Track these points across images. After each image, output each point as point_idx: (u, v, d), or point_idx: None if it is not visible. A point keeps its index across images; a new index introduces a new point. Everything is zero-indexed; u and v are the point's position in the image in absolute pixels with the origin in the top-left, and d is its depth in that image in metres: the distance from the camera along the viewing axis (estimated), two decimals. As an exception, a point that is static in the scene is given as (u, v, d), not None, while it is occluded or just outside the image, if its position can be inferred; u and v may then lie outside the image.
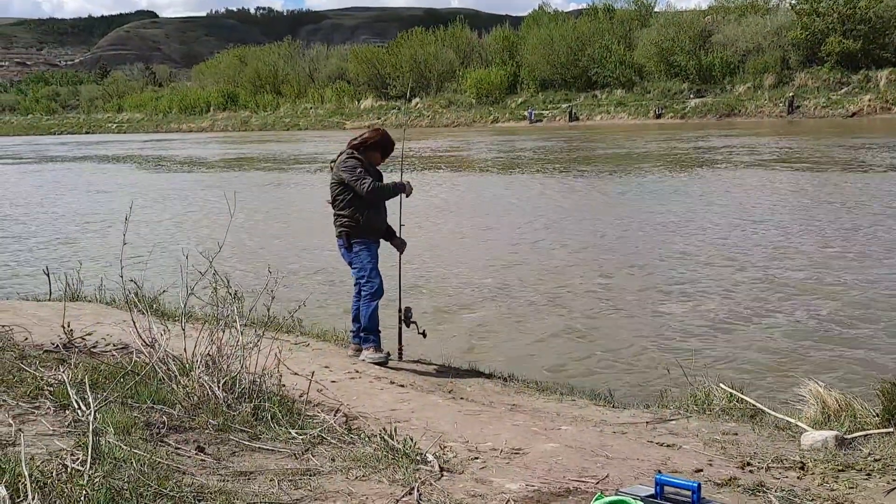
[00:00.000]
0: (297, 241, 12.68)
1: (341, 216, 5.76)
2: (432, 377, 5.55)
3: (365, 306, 5.74)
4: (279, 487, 2.98)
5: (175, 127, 67.45)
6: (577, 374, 6.24)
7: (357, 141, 5.92)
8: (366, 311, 5.72)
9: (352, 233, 5.74)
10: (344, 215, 5.75)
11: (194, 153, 37.48)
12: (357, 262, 5.76)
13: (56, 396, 3.69)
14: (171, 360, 4.05)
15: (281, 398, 4.01)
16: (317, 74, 68.48)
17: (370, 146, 5.89)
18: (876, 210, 13.03)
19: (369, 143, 5.89)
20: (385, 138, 5.97)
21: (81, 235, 14.22)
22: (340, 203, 5.76)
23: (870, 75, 40.83)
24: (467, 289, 9.15)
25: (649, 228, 12.57)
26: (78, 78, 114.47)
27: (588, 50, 50.85)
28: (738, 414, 4.65)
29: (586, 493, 3.15)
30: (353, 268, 5.80)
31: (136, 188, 22.47)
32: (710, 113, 42.46)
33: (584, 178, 20.37)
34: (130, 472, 2.77)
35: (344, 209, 5.75)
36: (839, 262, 9.56)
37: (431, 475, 3.27)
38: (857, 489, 3.39)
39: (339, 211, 5.78)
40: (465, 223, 14.09)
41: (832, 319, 7.42)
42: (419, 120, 52.37)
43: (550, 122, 47.11)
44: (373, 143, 5.90)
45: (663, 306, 8.13)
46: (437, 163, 26.17)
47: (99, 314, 6.80)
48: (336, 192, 5.78)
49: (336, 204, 5.79)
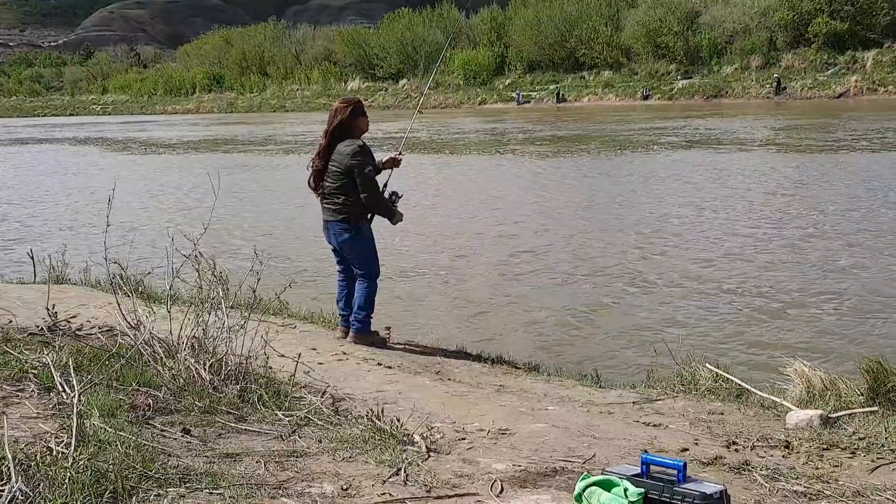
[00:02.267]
0: (286, 223, 12.63)
1: (346, 199, 5.66)
2: (420, 359, 5.55)
3: (366, 289, 5.74)
4: (266, 469, 2.97)
5: (160, 109, 66.89)
6: (564, 355, 6.25)
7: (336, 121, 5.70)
8: (367, 294, 5.73)
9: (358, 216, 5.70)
10: (349, 199, 5.66)
11: (180, 134, 37.21)
12: (359, 248, 5.74)
13: (40, 379, 3.66)
14: (157, 342, 4.03)
15: (267, 380, 4.00)
16: (303, 56, 67.96)
17: (352, 116, 5.72)
18: (858, 192, 13.09)
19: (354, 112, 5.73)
20: (348, 101, 5.86)
21: (67, 218, 14.12)
22: (344, 188, 5.66)
23: (856, 56, 40.84)
24: (452, 270, 9.15)
25: (635, 210, 12.58)
26: (62, 59, 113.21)
27: (576, 31, 50.62)
28: (723, 394, 4.67)
29: (573, 473, 3.16)
30: (351, 252, 5.77)
31: (118, 170, 22.28)
32: (698, 94, 42.43)
33: (572, 159, 20.37)
34: (115, 454, 2.75)
35: (349, 193, 5.65)
36: (824, 244, 9.60)
37: (418, 456, 3.27)
38: (841, 467, 3.41)
39: (342, 193, 5.67)
40: (451, 204, 14.05)
41: (819, 299, 7.46)
42: (406, 102, 52.14)
43: (538, 104, 47.00)
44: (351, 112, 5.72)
45: (651, 287, 8.15)
46: (429, 147, 26.09)
47: (84, 297, 6.76)
48: (340, 180, 5.65)
49: (338, 188, 5.67)
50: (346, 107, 5.75)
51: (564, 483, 3.07)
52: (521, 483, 3.06)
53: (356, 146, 5.64)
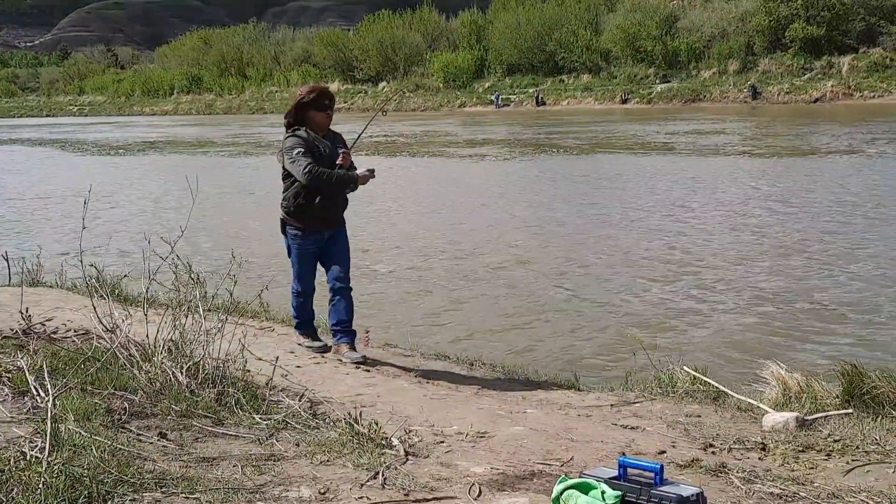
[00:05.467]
0: (262, 225, 12.58)
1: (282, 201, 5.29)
2: (398, 362, 5.53)
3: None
4: (243, 473, 2.96)
5: (138, 110, 66.48)
6: (542, 359, 6.26)
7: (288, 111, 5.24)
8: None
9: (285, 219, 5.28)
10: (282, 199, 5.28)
11: (154, 135, 36.99)
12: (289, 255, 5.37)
13: (14, 383, 3.62)
14: (133, 345, 4.00)
15: (245, 383, 3.98)
16: (283, 57, 67.76)
17: (302, 108, 5.18)
18: (835, 196, 13.21)
19: (300, 105, 5.17)
20: (312, 88, 5.27)
21: (41, 220, 13.98)
22: (285, 188, 5.27)
23: (832, 61, 41.24)
24: (429, 273, 9.15)
25: (614, 212, 12.63)
26: (38, 60, 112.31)
27: (555, 34, 50.79)
28: (701, 396, 4.69)
29: (551, 476, 3.17)
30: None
31: (95, 172, 22.13)
32: (676, 98, 42.73)
33: (551, 160, 20.43)
34: (90, 458, 2.73)
35: (284, 191, 5.26)
36: (802, 247, 9.68)
37: (396, 459, 3.26)
38: (816, 469, 3.44)
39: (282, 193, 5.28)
40: (427, 207, 14.05)
41: (795, 302, 7.51)
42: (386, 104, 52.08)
43: (517, 107, 47.10)
44: (303, 104, 5.18)
45: (628, 290, 8.18)
46: (405, 147, 26.08)
47: (59, 300, 6.69)
48: (284, 177, 5.28)
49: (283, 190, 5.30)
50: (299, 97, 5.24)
51: (542, 486, 3.07)
52: (500, 486, 3.06)
53: (284, 136, 5.23)
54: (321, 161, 5.10)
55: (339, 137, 5.39)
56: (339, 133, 5.44)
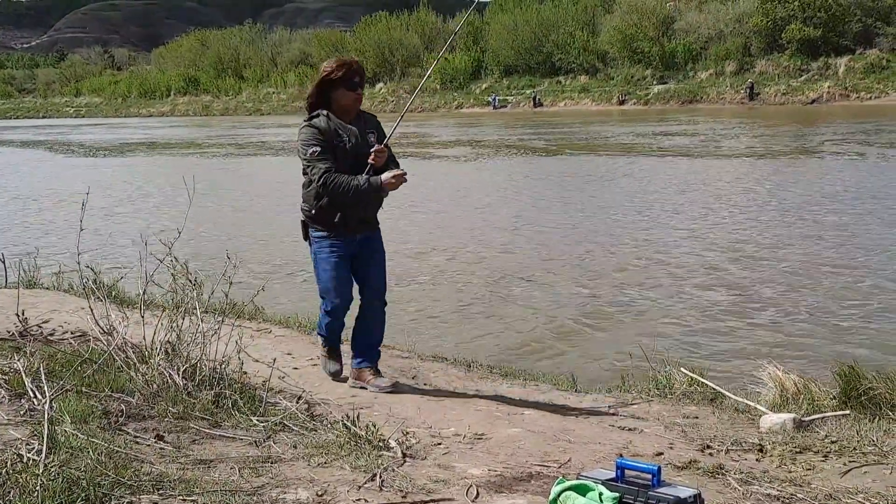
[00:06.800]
0: (259, 227, 12.57)
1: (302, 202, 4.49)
2: (395, 363, 5.53)
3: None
4: (240, 475, 2.95)
5: (135, 111, 66.44)
6: (540, 360, 6.26)
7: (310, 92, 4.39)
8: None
9: (307, 223, 4.50)
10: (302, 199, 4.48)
11: (151, 136, 36.96)
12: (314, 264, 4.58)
13: (11, 385, 3.61)
14: (130, 347, 3.99)
15: (242, 385, 3.97)
16: (279, 59, 67.79)
17: (327, 86, 4.28)
18: (831, 197, 13.23)
19: (324, 81, 4.28)
20: (341, 63, 4.30)
21: (38, 221, 13.96)
22: (304, 184, 4.44)
23: (829, 62, 41.36)
24: (426, 275, 9.14)
25: (613, 213, 12.64)
26: (34, 61, 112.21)
27: (552, 36, 50.88)
28: (698, 398, 4.69)
29: (548, 478, 3.16)
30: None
31: (91, 173, 22.10)
32: (673, 99, 42.80)
33: (548, 161, 20.44)
34: (87, 461, 2.72)
35: (305, 189, 4.45)
36: (799, 249, 9.69)
37: (394, 461, 3.26)
38: (814, 470, 3.44)
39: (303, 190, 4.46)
40: (431, 209, 14.05)
41: (793, 303, 7.52)
42: (383, 105, 52.10)
43: (514, 108, 47.11)
44: (329, 82, 4.27)
45: (626, 292, 8.18)
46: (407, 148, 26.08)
47: (56, 302, 6.68)
48: (304, 172, 4.42)
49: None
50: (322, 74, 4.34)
51: (540, 488, 3.07)
52: (497, 488, 3.06)
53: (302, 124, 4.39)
54: (343, 158, 4.26)
55: (372, 121, 4.46)
56: (373, 115, 4.52)
